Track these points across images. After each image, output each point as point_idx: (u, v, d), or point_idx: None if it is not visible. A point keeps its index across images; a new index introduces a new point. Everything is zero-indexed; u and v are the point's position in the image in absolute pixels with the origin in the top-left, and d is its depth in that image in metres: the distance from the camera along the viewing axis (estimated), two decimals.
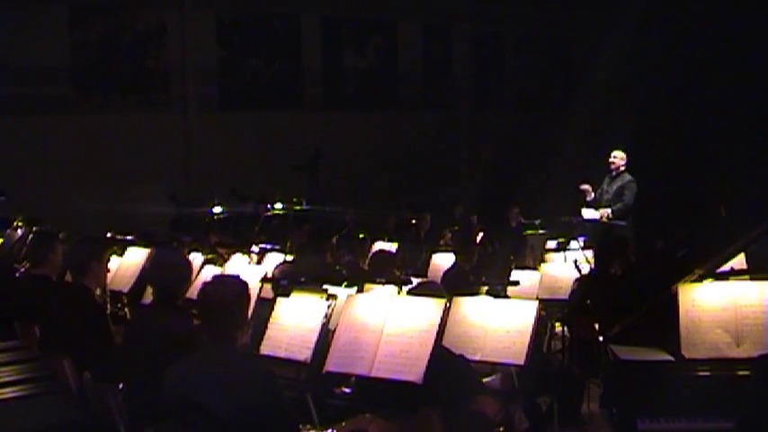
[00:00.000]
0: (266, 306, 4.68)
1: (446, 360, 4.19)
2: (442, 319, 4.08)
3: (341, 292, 4.74)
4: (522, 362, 4.51)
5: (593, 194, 9.89)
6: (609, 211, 9.63)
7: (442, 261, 8.24)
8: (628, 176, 9.81)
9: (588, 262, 7.12)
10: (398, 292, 4.88)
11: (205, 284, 3.60)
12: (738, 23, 14.13)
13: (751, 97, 13.71)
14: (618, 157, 9.87)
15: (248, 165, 13.89)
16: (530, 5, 16.79)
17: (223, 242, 9.27)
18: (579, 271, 6.64)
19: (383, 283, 5.23)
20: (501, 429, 4.40)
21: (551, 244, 9.38)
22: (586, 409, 5.74)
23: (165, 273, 4.41)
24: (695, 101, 14.52)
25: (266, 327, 4.50)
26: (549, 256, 8.35)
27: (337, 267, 7.62)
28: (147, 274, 5.87)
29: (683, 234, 10.22)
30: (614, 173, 9.86)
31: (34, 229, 7.65)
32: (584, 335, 5.77)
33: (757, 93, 13.58)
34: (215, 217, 11.70)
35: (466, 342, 4.64)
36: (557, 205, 10.84)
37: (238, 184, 12.27)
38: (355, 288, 5.04)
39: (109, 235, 8.42)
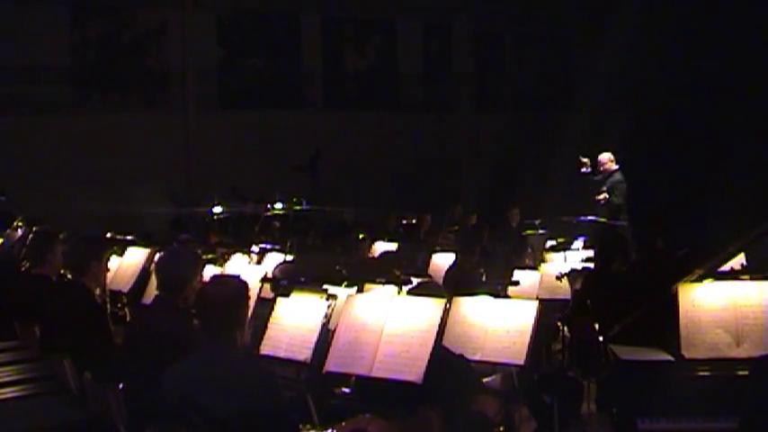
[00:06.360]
0: (266, 306, 4.68)
1: (446, 360, 4.19)
2: (441, 319, 4.09)
3: (341, 292, 4.74)
4: (522, 362, 4.50)
5: (589, 167, 9.97)
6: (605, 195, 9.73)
7: (442, 261, 8.22)
8: (617, 177, 9.85)
9: (584, 265, 7.11)
10: (398, 292, 4.88)
11: (205, 284, 3.61)
12: (739, 23, 14.12)
13: (751, 96, 13.69)
14: (606, 159, 9.93)
15: (248, 165, 13.88)
16: (530, 5, 16.76)
17: (223, 242, 9.26)
18: (576, 271, 6.63)
19: (383, 283, 5.23)
20: (501, 429, 4.41)
21: (551, 244, 9.38)
22: (586, 409, 5.74)
23: (171, 263, 4.37)
24: (695, 101, 14.50)
25: (266, 327, 4.51)
26: (548, 256, 8.35)
27: (337, 267, 7.61)
28: (153, 266, 5.77)
29: (683, 234, 10.20)
30: (605, 174, 9.91)
31: (34, 229, 7.63)
32: (584, 335, 5.77)
33: (757, 92, 13.57)
34: (215, 217, 11.69)
35: (466, 342, 4.63)
36: (557, 205, 10.84)
37: (238, 184, 12.26)
38: (355, 288, 5.05)
39: (109, 235, 8.40)
